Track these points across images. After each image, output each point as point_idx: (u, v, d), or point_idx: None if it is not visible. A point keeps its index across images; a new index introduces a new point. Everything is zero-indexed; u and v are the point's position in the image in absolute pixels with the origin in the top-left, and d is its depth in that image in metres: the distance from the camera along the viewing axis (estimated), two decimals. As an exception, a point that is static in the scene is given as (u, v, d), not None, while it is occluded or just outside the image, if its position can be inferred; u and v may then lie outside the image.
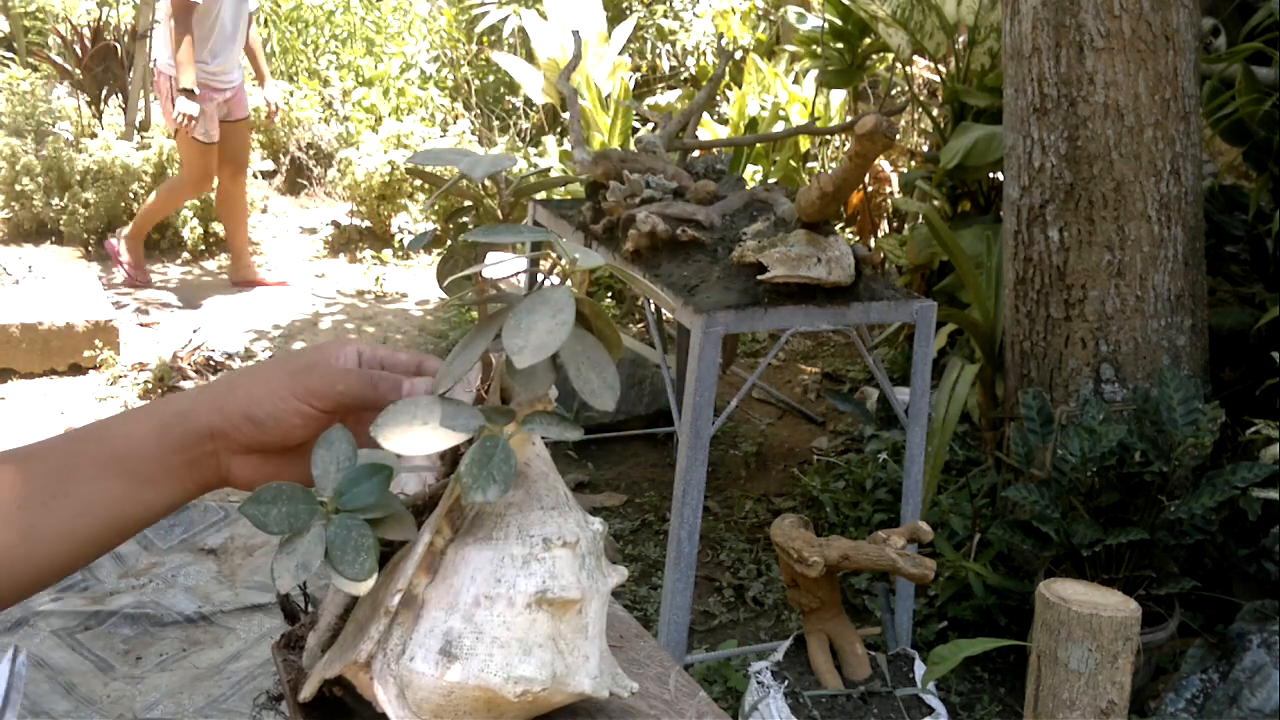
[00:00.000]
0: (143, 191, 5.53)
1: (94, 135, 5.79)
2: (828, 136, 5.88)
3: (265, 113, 5.42)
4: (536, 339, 0.57)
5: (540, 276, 3.09)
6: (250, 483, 0.69)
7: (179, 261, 5.64)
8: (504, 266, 0.65)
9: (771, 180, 5.04)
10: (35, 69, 6.82)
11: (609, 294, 5.05)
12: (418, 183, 5.94)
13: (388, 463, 0.62)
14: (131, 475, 0.67)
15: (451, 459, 0.69)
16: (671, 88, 7.25)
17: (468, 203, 0.81)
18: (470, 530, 0.63)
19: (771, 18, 7.12)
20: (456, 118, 7.24)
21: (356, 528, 0.59)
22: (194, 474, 0.69)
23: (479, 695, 0.60)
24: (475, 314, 0.70)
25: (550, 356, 0.57)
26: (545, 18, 6.59)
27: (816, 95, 5.58)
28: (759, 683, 1.92)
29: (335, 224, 6.16)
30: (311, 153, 6.75)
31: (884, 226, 5.14)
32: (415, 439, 0.59)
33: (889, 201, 5.13)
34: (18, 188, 5.47)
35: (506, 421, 0.61)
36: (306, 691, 0.63)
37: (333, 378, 0.68)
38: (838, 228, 2.53)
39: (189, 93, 4.57)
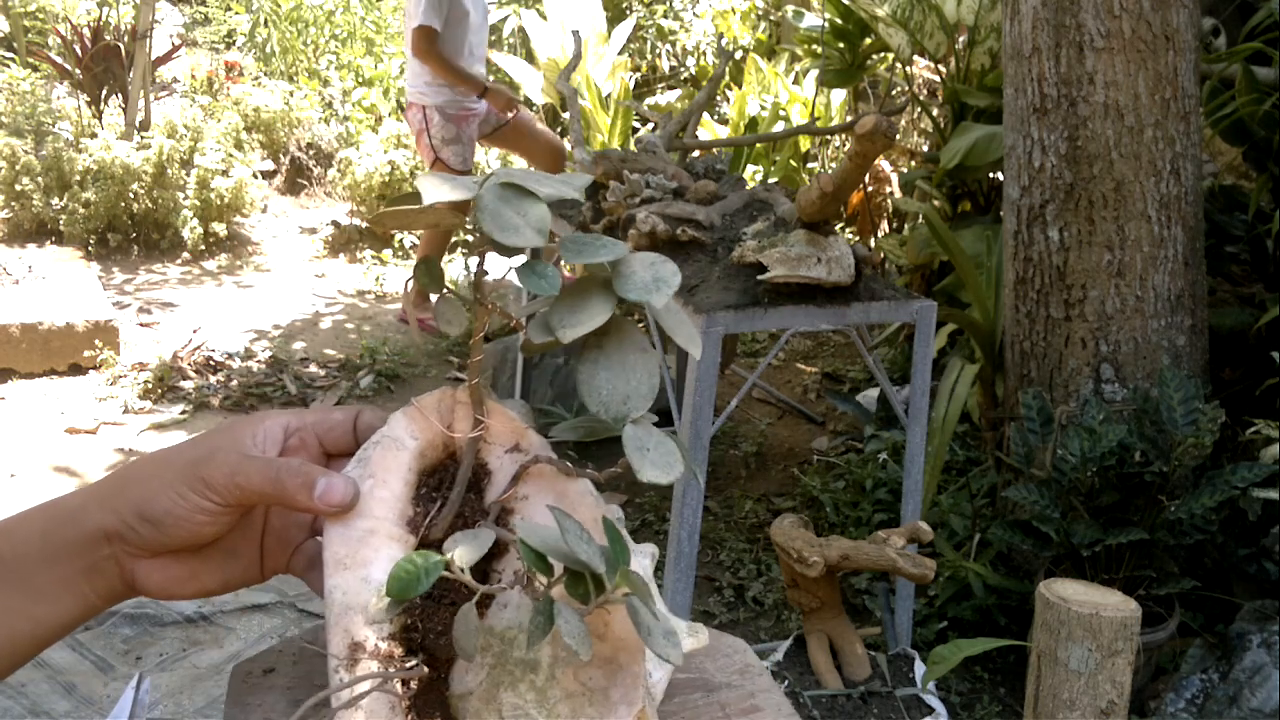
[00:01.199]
0: (142, 191, 5.53)
1: (94, 135, 5.79)
2: (828, 136, 5.88)
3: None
4: (686, 334, 0.59)
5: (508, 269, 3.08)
6: (163, 589, 0.61)
7: (179, 261, 5.64)
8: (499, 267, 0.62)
9: (771, 180, 5.04)
10: (35, 69, 6.82)
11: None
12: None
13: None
14: (18, 587, 0.59)
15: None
16: (671, 88, 7.25)
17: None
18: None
19: (772, 17, 7.12)
20: (456, 118, 7.23)
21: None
22: (92, 583, 0.60)
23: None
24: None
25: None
26: (545, 18, 6.59)
27: (817, 95, 5.58)
28: (759, 683, 1.91)
29: (335, 224, 6.17)
30: (311, 153, 6.75)
31: (884, 226, 5.14)
32: (664, 464, 0.57)
33: (889, 201, 5.13)
34: (18, 188, 5.47)
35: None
36: None
37: (231, 468, 0.58)
38: (838, 228, 2.53)
39: (486, 91, 4.40)
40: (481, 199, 0.54)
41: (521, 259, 0.57)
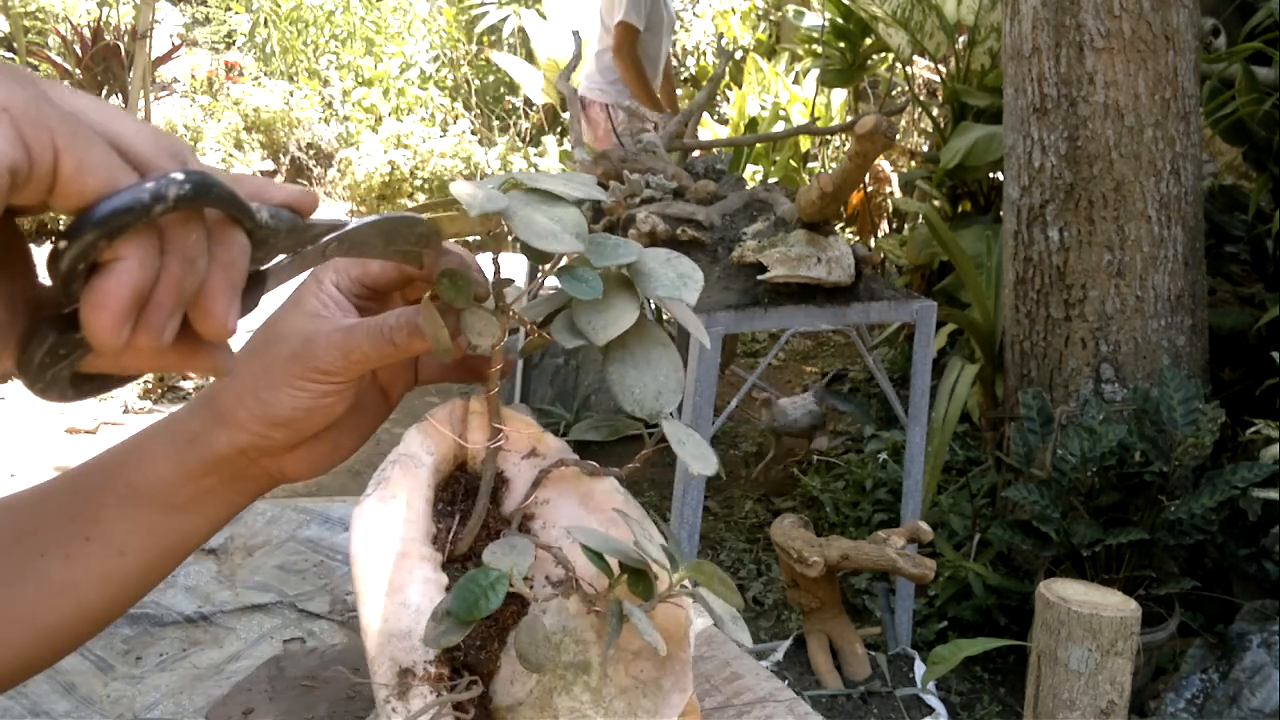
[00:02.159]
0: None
1: (94, 135, 5.79)
2: (828, 136, 5.88)
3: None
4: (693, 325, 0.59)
5: (539, 276, 3.08)
6: (313, 470, 0.62)
7: (179, 261, 5.64)
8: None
9: (771, 180, 5.04)
10: (35, 69, 6.82)
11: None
12: (418, 183, 5.94)
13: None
14: (164, 507, 0.59)
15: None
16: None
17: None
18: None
19: (772, 17, 7.12)
20: (456, 118, 7.24)
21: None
22: (239, 489, 0.61)
23: None
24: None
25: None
26: (545, 18, 6.59)
27: (817, 95, 5.58)
28: (759, 683, 1.92)
29: (335, 224, 6.17)
30: (311, 153, 6.75)
31: (884, 226, 5.14)
32: (701, 457, 0.57)
33: (889, 201, 5.13)
34: (18, 188, 5.47)
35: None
36: None
37: (340, 346, 0.57)
38: (838, 228, 2.53)
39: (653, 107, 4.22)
40: (510, 207, 0.54)
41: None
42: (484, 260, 0.60)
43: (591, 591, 0.56)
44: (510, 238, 0.56)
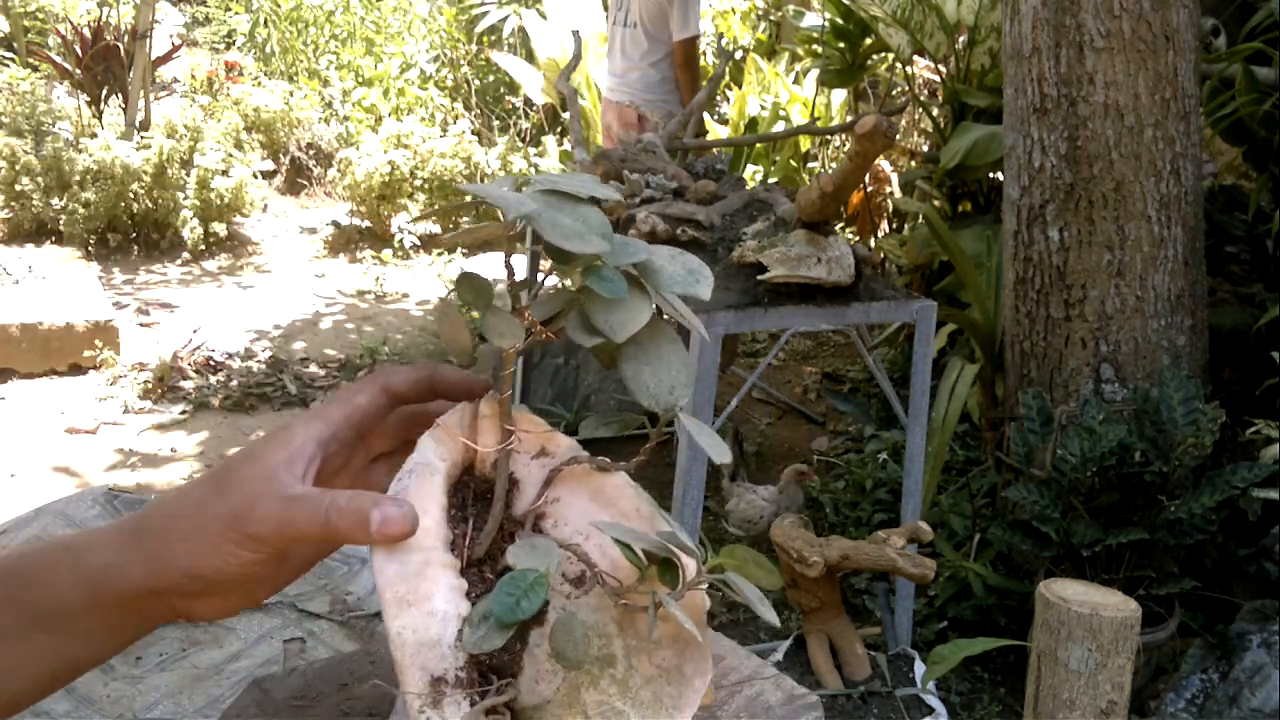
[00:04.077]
0: (143, 191, 5.53)
1: (94, 135, 5.79)
2: (828, 136, 5.88)
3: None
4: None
5: (540, 276, 3.08)
6: (221, 613, 0.61)
7: (179, 261, 5.64)
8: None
9: (771, 180, 5.04)
10: (35, 69, 6.82)
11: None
12: (418, 183, 5.94)
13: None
14: (63, 633, 0.58)
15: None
16: (671, 88, 7.24)
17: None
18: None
19: (772, 17, 7.12)
20: (456, 118, 7.24)
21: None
22: (141, 625, 0.60)
23: None
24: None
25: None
26: (545, 18, 6.59)
27: (817, 95, 5.58)
28: (759, 683, 1.91)
29: (335, 224, 6.17)
30: (311, 153, 6.75)
31: (884, 226, 5.14)
32: (718, 447, 0.60)
33: (889, 201, 5.12)
34: (17, 188, 5.47)
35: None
36: None
37: (279, 520, 0.56)
38: (838, 228, 2.53)
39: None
40: (537, 210, 0.54)
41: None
42: (490, 260, 0.61)
43: (616, 585, 0.56)
44: (528, 239, 0.57)
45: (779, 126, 5.68)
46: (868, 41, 4.65)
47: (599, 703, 0.56)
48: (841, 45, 4.68)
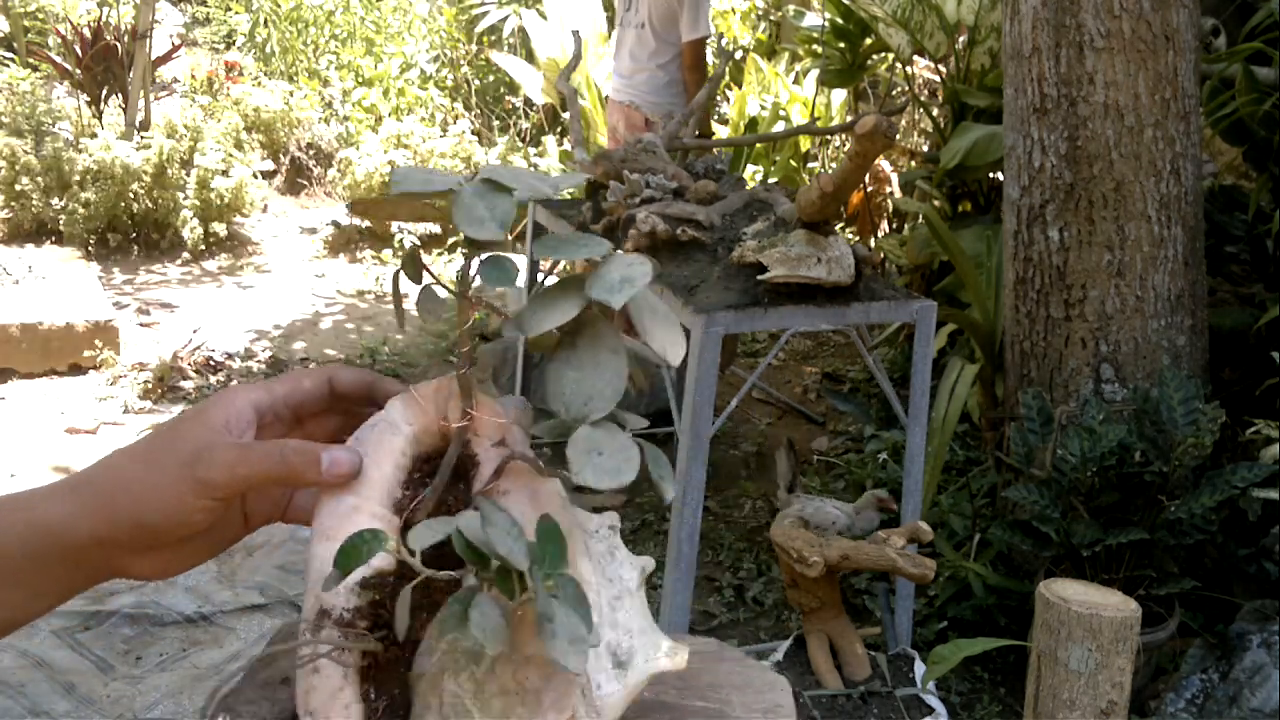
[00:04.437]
0: (143, 191, 5.53)
1: (94, 135, 5.79)
2: (828, 136, 5.88)
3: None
4: (669, 337, 0.59)
5: (540, 276, 3.07)
6: (155, 573, 0.62)
7: (179, 261, 5.64)
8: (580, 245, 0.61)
9: (771, 180, 5.04)
10: (35, 69, 6.82)
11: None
12: (418, 183, 5.95)
13: None
14: (5, 584, 0.59)
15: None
16: (671, 88, 7.24)
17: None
18: None
19: (772, 17, 7.12)
20: (456, 118, 7.24)
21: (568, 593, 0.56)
22: (81, 576, 0.61)
23: (645, 685, 0.61)
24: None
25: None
26: (545, 18, 6.59)
27: (817, 95, 5.58)
28: (759, 683, 1.91)
29: (335, 224, 6.16)
30: (311, 153, 6.75)
31: (884, 226, 5.14)
32: (611, 470, 0.57)
33: (889, 201, 5.13)
34: (17, 188, 5.47)
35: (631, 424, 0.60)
36: None
37: (230, 462, 0.58)
38: (838, 228, 2.53)
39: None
40: (461, 193, 0.56)
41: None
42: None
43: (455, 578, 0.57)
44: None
45: (779, 126, 5.68)
46: (868, 41, 4.65)
47: (454, 694, 0.56)
48: (841, 45, 4.68)
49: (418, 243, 5.75)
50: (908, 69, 4.51)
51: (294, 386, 0.64)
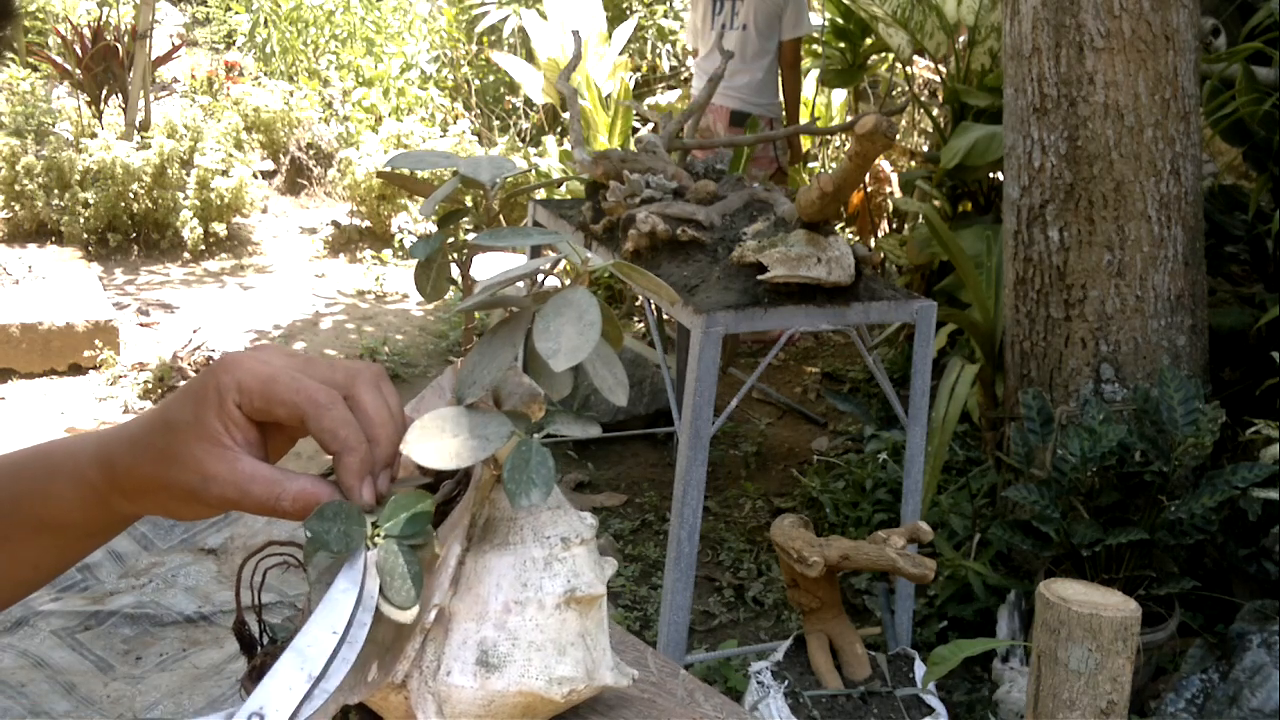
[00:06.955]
0: (143, 191, 5.53)
1: (94, 135, 5.79)
2: (828, 136, 5.88)
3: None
4: (568, 343, 0.57)
5: (540, 276, 3.07)
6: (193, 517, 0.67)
7: (179, 261, 5.64)
8: (514, 268, 0.63)
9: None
10: (35, 69, 6.82)
11: (607, 294, 5.05)
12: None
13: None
14: (77, 535, 0.66)
15: (464, 472, 0.68)
16: (671, 88, 7.24)
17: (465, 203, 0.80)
18: (485, 538, 0.62)
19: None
20: (456, 118, 7.24)
21: (405, 554, 0.58)
22: (140, 516, 0.67)
23: (519, 701, 0.60)
24: (467, 318, 0.67)
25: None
26: (545, 18, 6.59)
27: (817, 95, 5.58)
28: (759, 683, 1.92)
29: (335, 224, 6.16)
30: (311, 153, 6.75)
31: (884, 226, 5.14)
32: (448, 451, 0.58)
33: (889, 201, 5.12)
34: (18, 188, 5.47)
35: (528, 425, 0.60)
36: None
37: (232, 500, 0.60)
38: (838, 228, 2.53)
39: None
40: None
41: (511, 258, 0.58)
42: (490, 261, 0.63)
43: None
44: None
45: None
46: (868, 41, 4.65)
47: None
48: (841, 45, 4.68)
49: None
50: (908, 69, 4.51)
51: (269, 397, 0.60)
